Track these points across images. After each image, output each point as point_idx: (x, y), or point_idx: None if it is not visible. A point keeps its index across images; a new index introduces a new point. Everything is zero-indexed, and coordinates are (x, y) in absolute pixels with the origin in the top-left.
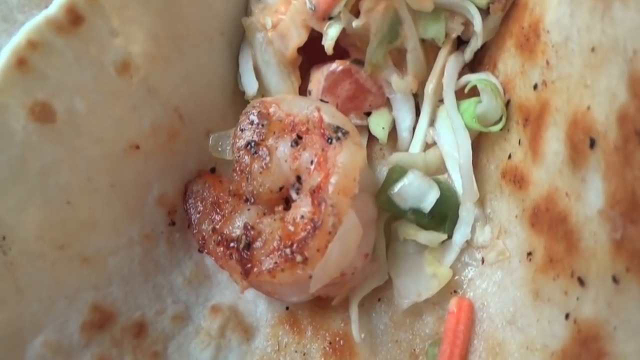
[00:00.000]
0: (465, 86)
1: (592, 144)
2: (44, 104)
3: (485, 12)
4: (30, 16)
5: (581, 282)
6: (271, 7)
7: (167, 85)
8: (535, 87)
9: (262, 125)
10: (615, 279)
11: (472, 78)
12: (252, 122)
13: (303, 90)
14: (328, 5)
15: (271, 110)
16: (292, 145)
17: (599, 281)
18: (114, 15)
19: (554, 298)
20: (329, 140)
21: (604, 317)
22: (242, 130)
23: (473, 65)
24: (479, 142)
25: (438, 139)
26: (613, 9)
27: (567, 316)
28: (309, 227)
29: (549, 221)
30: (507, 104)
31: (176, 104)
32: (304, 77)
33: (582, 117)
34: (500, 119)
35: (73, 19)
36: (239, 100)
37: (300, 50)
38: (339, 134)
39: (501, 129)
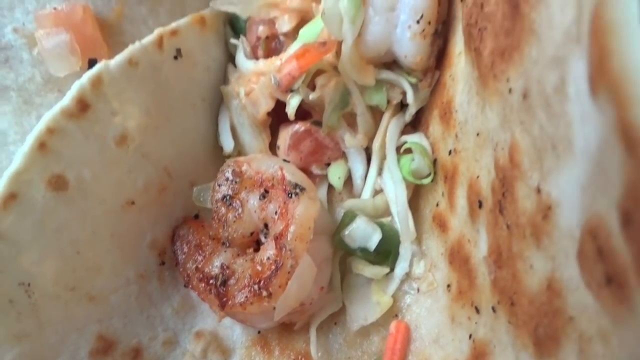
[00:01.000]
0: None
1: (480, 205)
2: (59, 176)
3: (416, 86)
4: (45, 99)
5: (477, 310)
6: (245, 77)
7: (157, 149)
8: (449, 152)
9: (236, 182)
10: (494, 309)
11: (408, 139)
12: (227, 179)
13: (273, 145)
14: (289, 81)
15: (243, 168)
16: (260, 199)
17: (486, 310)
18: (114, 99)
19: (462, 322)
20: (289, 195)
21: (489, 338)
22: (219, 185)
23: (415, 122)
24: (419, 189)
25: (384, 187)
26: (486, 108)
27: (470, 336)
28: (272, 267)
29: (459, 260)
30: (435, 161)
31: (165, 163)
32: (274, 133)
33: (474, 182)
34: (430, 174)
35: (82, 107)
36: (219, 154)
37: (270, 112)
38: (297, 190)
39: (431, 182)
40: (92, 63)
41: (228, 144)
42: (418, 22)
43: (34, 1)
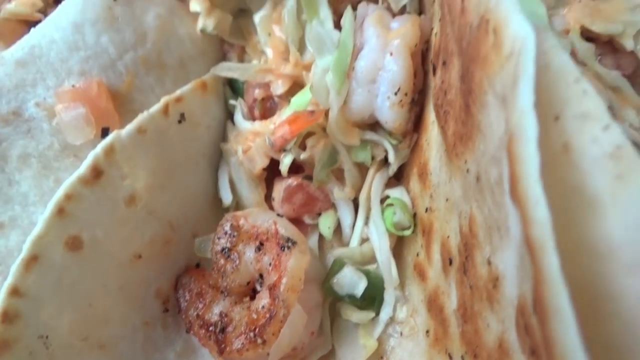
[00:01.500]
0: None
1: (450, 262)
2: (75, 237)
3: (397, 146)
4: (62, 164)
5: (450, 357)
6: (242, 135)
7: (162, 205)
8: (426, 209)
9: (234, 235)
10: (462, 358)
11: (390, 193)
12: (226, 232)
13: (269, 196)
14: (282, 143)
15: (241, 222)
16: (256, 251)
17: (456, 358)
18: (125, 164)
19: None
20: (282, 248)
21: None
22: (218, 238)
23: (399, 174)
24: (402, 238)
25: (370, 236)
26: (452, 179)
27: None
28: (267, 316)
29: (436, 309)
30: (415, 215)
31: (169, 217)
32: (270, 185)
33: (446, 241)
34: (410, 226)
35: (96, 174)
36: (219, 205)
37: (266, 167)
38: (289, 244)
39: (412, 233)
40: (105, 131)
41: (227, 197)
42: (396, 93)
43: (54, 78)
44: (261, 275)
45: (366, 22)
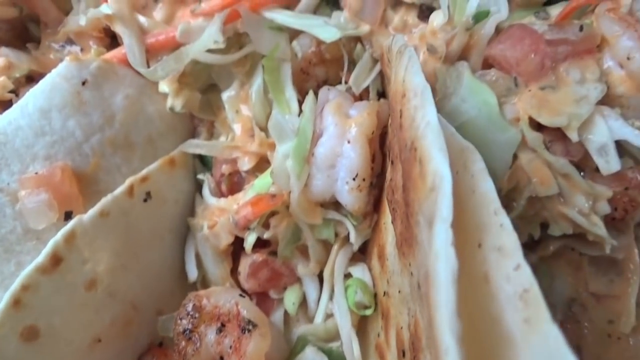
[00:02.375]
0: None
1: (403, 354)
2: (31, 327)
3: (358, 226)
4: (24, 247)
5: None
6: (209, 210)
7: (125, 286)
8: (384, 293)
9: (195, 317)
10: None
11: (353, 272)
12: (188, 313)
13: (235, 268)
14: (245, 223)
15: (203, 302)
16: (217, 332)
17: None
18: (86, 248)
19: None
20: (243, 331)
21: None
22: (180, 319)
23: (363, 249)
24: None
25: (334, 312)
26: (403, 274)
27: None
28: None
29: None
30: (376, 295)
31: (132, 298)
32: (238, 258)
33: (400, 332)
34: (371, 306)
35: (55, 262)
36: (186, 280)
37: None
38: (250, 327)
39: (373, 312)
40: (68, 215)
41: (192, 273)
42: (354, 179)
43: (18, 164)
44: (222, 358)
45: (325, 110)
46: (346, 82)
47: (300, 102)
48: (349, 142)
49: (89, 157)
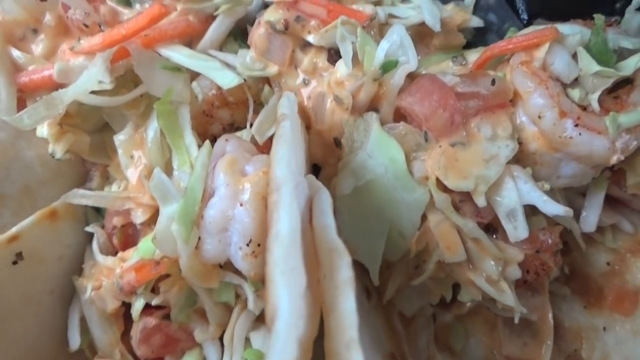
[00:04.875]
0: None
1: None
2: None
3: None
4: None
5: None
6: (98, 267)
7: None
8: None
9: None
10: None
11: (253, 340)
12: None
13: (128, 331)
14: (130, 289)
15: None
16: None
17: None
18: None
19: None
20: None
21: None
22: None
23: None
24: None
25: None
26: None
27: None
28: None
29: None
30: None
31: None
32: (130, 321)
33: None
34: None
35: None
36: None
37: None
38: None
39: None
40: None
41: (74, 341)
42: (248, 244)
43: None
44: None
45: (217, 167)
46: (252, 125)
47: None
48: (241, 204)
49: None
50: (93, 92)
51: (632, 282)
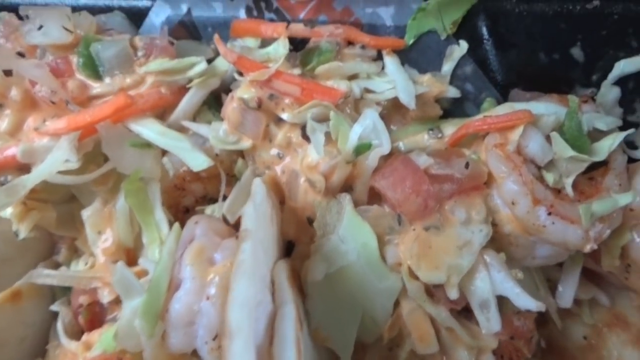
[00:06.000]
0: None
1: None
2: None
3: None
4: None
5: None
6: (62, 349)
7: None
8: None
9: None
10: None
11: None
12: None
13: None
14: None
15: None
16: None
17: None
18: None
19: None
20: None
21: None
22: None
23: None
24: None
25: None
26: None
27: None
28: None
29: None
30: None
31: None
32: None
33: None
34: None
35: None
36: None
37: None
38: None
39: None
40: None
41: None
42: (214, 339)
43: None
44: None
45: (184, 257)
46: (225, 198)
47: (172, 223)
48: (208, 298)
49: None
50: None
51: (608, 359)
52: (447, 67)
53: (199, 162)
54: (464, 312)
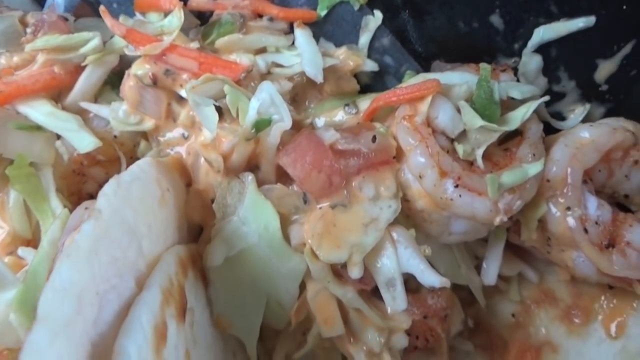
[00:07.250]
0: None
1: None
2: None
3: None
4: None
5: None
6: None
7: None
8: None
9: None
10: None
11: None
12: None
13: None
14: None
15: None
16: None
17: None
18: None
19: None
20: None
21: None
22: None
23: None
24: None
25: None
26: None
27: None
28: None
29: None
30: None
31: None
32: None
33: None
34: None
35: None
36: None
37: None
38: None
39: None
40: None
41: None
42: None
43: None
44: None
45: (65, 246)
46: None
47: (72, 209)
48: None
49: None
50: None
51: (535, 336)
52: (364, 39)
53: (84, 143)
54: (378, 293)
